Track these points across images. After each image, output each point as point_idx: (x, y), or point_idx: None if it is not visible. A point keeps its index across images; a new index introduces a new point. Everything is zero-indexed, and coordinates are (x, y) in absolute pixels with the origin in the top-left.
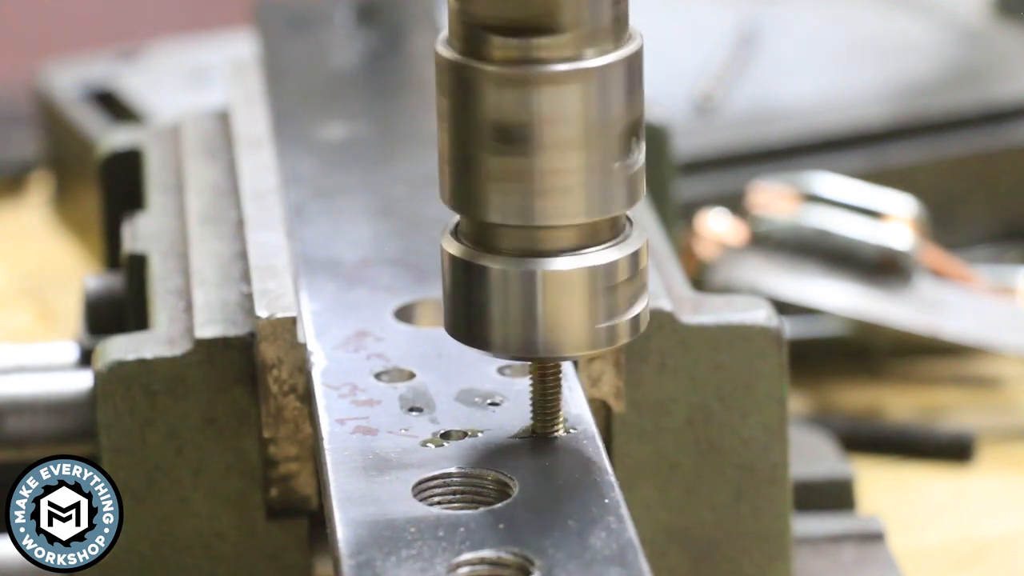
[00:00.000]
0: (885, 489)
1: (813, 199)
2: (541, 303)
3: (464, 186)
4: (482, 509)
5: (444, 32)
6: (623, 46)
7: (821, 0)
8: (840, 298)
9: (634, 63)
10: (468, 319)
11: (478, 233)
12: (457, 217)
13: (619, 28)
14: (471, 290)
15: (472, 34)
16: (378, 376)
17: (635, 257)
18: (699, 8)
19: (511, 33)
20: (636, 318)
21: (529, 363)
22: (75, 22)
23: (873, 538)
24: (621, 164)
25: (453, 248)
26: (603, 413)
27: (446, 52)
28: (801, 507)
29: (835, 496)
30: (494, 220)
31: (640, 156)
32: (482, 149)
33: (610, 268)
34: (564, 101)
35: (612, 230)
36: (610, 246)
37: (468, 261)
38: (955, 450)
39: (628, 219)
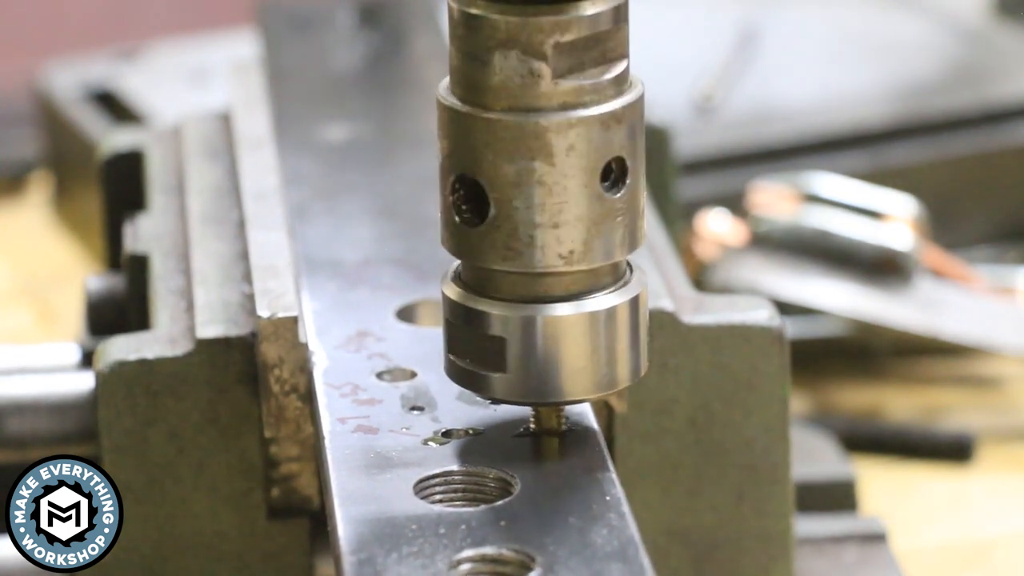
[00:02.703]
0: (885, 489)
1: (813, 199)
2: (541, 349)
3: (464, 232)
4: (483, 507)
5: (446, 79)
6: (625, 94)
7: (821, 0)
8: (840, 298)
9: (634, 108)
10: (469, 364)
11: (478, 278)
12: (458, 262)
13: (621, 77)
14: (471, 335)
15: (473, 82)
16: (379, 376)
17: (635, 302)
18: (699, 8)
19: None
20: (637, 361)
21: (532, 416)
22: (75, 22)
23: (875, 539)
24: (619, 208)
25: (453, 293)
26: (605, 413)
27: (447, 99)
28: (803, 508)
29: (837, 497)
30: (494, 266)
31: (640, 200)
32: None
33: (610, 314)
34: (563, 147)
35: (612, 275)
36: (611, 291)
37: (469, 306)
38: (955, 450)
39: (628, 264)
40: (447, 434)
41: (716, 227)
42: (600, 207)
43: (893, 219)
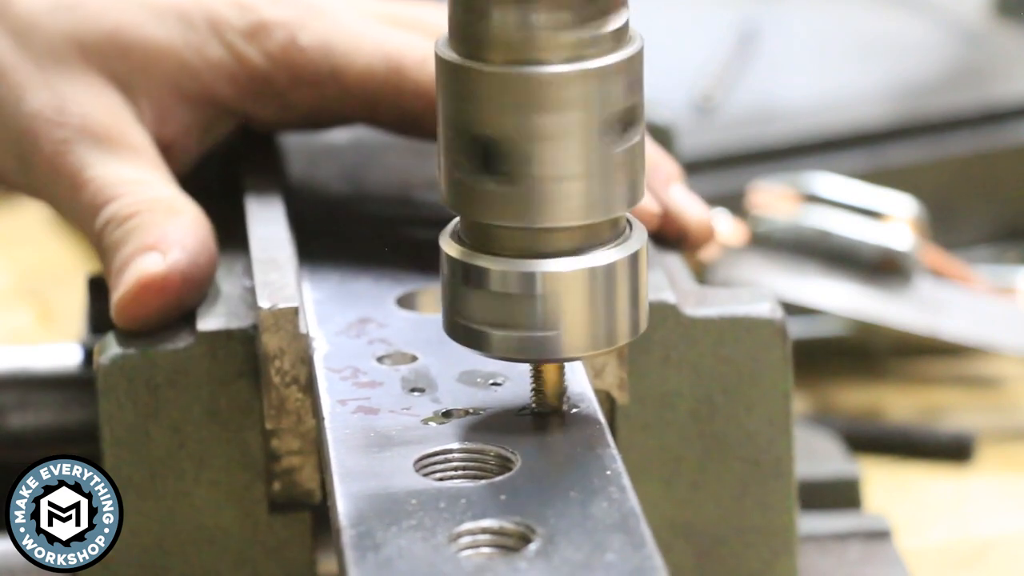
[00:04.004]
0: (885, 489)
1: (813, 199)
2: (540, 304)
3: (463, 187)
4: (484, 482)
5: (444, 34)
6: (623, 47)
7: (821, 0)
8: (840, 298)
9: (635, 63)
10: (466, 320)
11: (477, 234)
12: (457, 218)
13: (619, 30)
14: (470, 291)
15: (472, 36)
16: (380, 359)
17: (635, 258)
18: (699, 8)
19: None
20: (636, 319)
21: (530, 377)
22: None
23: (879, 536)
24: (620, 163)
25: (452, 249)
26: (607, 405)
27: (445, 54)
28: (807, 506)
29: (841, 495)
30: (493, 221)
31: (640, 157)
32: (482, 149)
33: (610, 269)
34: (564, 102)
35: (612, 231)
36: (610, 247)
37: (467, 262)
38: (955, 450)
39: (628, 220)
40: (447, 414)
41: (716, 227)
42: (601, 162)
43: (893, 219)
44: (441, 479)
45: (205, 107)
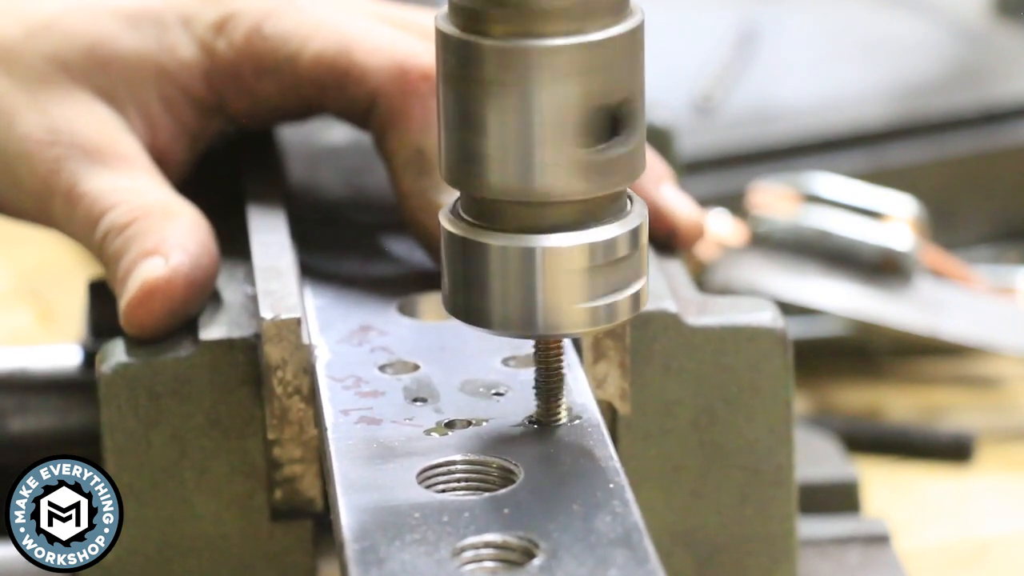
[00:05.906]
0: (885, 489)
1: (813, 199)
2: (541, 280)
3: (463, 163)
4: (486, 495)
5: (444, 8)
6: (624, 20)
7: (821, 0)
8: (840, 298)
9: (635, 37)
10: (468, 297)
11: (477, 210)
12: (457, 195)
13: (620, 3)
14: (471, 267)
15: (472, 9)
16: (382, 368)
17: (635, 233)
18: (699, 8)
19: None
20: (636, 295)
21: (533, 353)
22: None
23: (878, 540)
24: (620, 139)
25: (452, 225)
26: (609, 415)
27: (446, 27)
28: (806, 509)
29: (840, 498)
30: (493, 197)
31: (640, 133)
32: (481, 124)
33: (610, 244)
34: (563, 75)
35: (613, 206)
36: (610, 222)
37: (467, 238)
38: (955, 450)
39: (629, 195)
40: (450, 425)
41: (716, 227)
42: (602, 136)
43: (893, 219)
44: (444, 491)
45: (188, 109)
